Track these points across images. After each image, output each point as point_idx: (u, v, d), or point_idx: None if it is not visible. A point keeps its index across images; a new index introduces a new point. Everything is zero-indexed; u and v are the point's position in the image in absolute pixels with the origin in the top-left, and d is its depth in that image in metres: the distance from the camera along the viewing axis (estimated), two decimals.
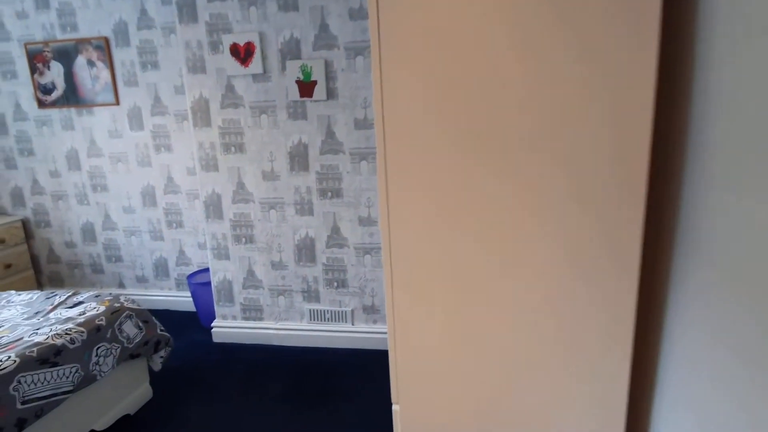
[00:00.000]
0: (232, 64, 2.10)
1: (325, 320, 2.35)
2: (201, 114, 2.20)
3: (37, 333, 1.53)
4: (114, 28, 2.53)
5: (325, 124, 2.10)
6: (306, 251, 2.28)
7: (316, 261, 2.28)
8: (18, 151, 2.84)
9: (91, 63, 2.60)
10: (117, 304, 1.81)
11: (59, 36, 2.60)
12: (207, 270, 2.71)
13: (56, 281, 3.05)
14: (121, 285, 2.97)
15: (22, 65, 2.68)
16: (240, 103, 2.15)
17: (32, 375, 1.40)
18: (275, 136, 2.16)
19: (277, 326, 2.40)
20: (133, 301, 1.90)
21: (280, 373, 2.14)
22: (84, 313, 1.70)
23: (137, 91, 2.60)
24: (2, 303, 1.83)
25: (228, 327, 2.45)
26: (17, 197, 2.93)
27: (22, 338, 1.49)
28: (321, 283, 2.31)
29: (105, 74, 2.60)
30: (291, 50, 2.04)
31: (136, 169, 2.73)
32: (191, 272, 2.77)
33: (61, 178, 2.84)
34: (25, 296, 1.88)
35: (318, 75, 2.04)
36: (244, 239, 2.32)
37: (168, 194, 2.74)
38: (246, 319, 2.44)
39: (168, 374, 2.12)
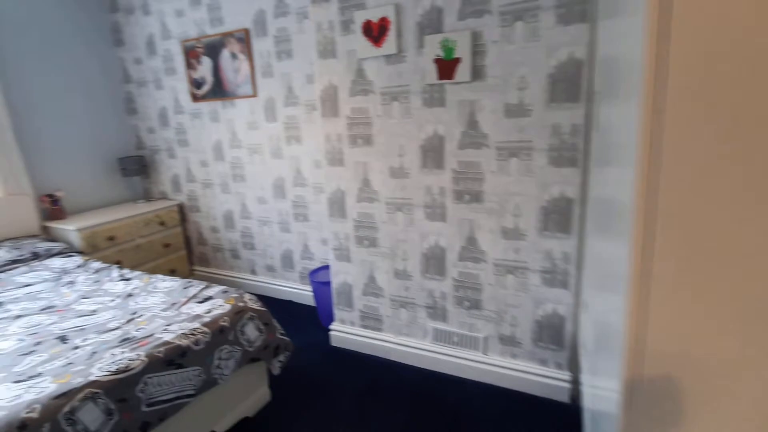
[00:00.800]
0: (363, 45, 1.84)
1: (451, 343, 2.01)
2: (329, 103, 2.01)
3: (167, 330, 1.52)
4: (254, 18, 2.51)
5: (467, 111, 1.71)
6: (434, 262, 1.95)
7: (446, 274, 1.93)
8: (177, 141, 3.12)
9: (233, 55, 2.66)
10: (241, 304, 1.75)
11: (209, 31, 2.71)
12: (329, 267, 2.60)
13: (203, 261, 3.34)
14: (253, 272, 3.09)
15: (180, 61, 2.89)
16: (370, 90, 1.90)
17: (158, 377, 1.37)
18: (406, 126, 1.85)
19: (397, 340, 2.14)
20: (256, 301, 1.83)
21: (401, 396, 1.88)
22: (210, 311, 1.66)
23: (272, 82, 2.57)
24: (150, 288, 1.93)
25: (346, 332, 2.29)
26: (176, 184, 3.25)
27: (153, 334, 1.49)
28: (449, 301, 1.96)
29: (245, 66, 2.63)
30: (431, 22, 1.69)
31: (270, 161, 2.74)
32: (314, 268, 2.71)
33: (209, 167, 3.03)
34: (168, 283, 1.96)
35: (462, 51, 1.64)
36: (366, 242, 2.10)
37: (296, 187, 2.69)
38: (364, 327, 2.25)
39: (286, 377, 2.04)
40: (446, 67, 1.69)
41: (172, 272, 3.13)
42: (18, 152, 2.53)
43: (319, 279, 2.54)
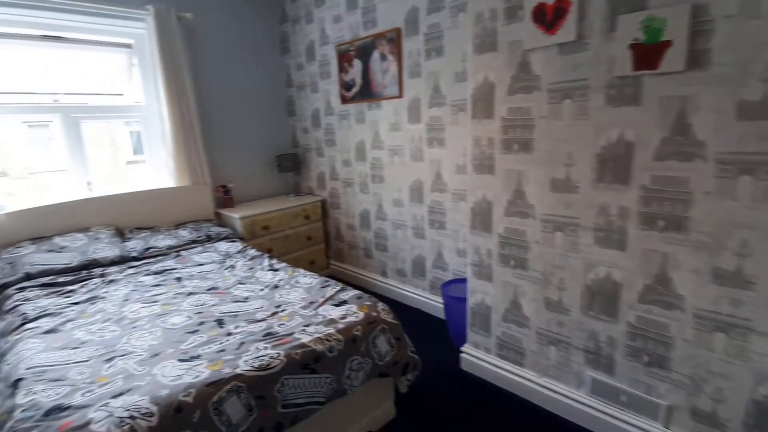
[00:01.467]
0: (532, 33, 1.57)
1: (617, 402, 1.60)
2: (482, 103, 1.80)
3: (305, 330, 1.52)
4: (406, 16, 2.44)
5: (674, 111, 1.30)
6: (602, 299, 1.57)
7: (618, 316, 1.54)
8: (325, 141, 3.29)
9: (383, 57, 2.64)
10: (374, 313, 1.67)
11: (362, 34, 2.75)
12: (464, 281, 2.40)
13: (339, 257, 3.47)
14: (384, 274, 3.07)
15: (334, 65, 3.01)
16: (535, 86, 1.62)
17: (294, 379, 1.36)
18: (580, 130, 1.52)
19: (541, 382, 1.82)
20: (389, 312, 1.74)
21: None
22: (345, 317, 1.62)
23: (419, 83, 2.47)
24: (293, 282, 2.01)
25: (479, 359, 2.06)
26: (321, 181, 3.44)
27: (293, 333, 1.50)
28: (620, 350, 1.56)
29: (393, 67, 2.59)
30: None
31: (409, 163, 2.66)
32: (447, 280, 2.53)
33: (351, 167, 3.12)
34: (308, 279, 2.02)
35: (675, 32, 1.24)
36: (513, 262, 1.83)
37: (434, 192, 2.55)
38: (502, 357, 1.98)
39: (412, 395, 1.91)
40: (647, 53, 1.31)
41: (311, 263, 3.33)
42: (203, 148, 2.97)
43: (452, 293, 2.35)
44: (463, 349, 2.14)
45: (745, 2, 1.13)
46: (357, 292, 1.84)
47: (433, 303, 2.70)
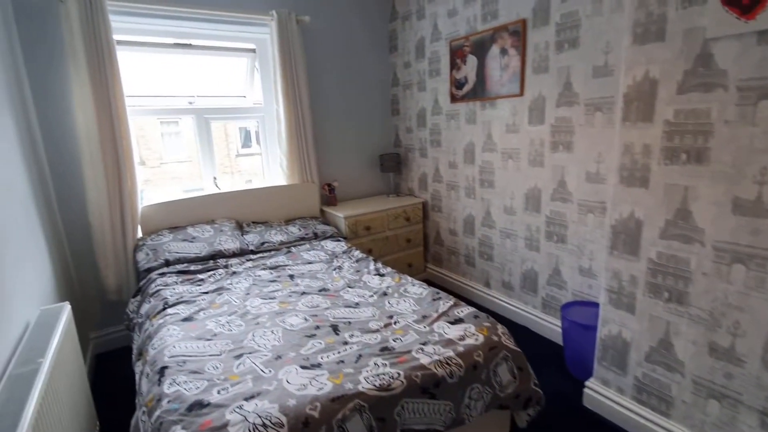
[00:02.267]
0: (720, 18, 1.27)
1: None
2: (639, 104, 1.52)
3: (422, 350, 1.43)
4: (535, 5, 2.21)
5: None
6: None
7: None
8: (430, 142, 3.18)
9: (503, 51, 2.43)
10: (495, 338, 1.52)
11: (479, 28, 2.57)
12: (589, 304, 2.12)
13: (437, 261, 3.36)
14: (487, 284, 2.88)
15: (445, 62, 2.88)
16: (718, 83, 1.31)
17: (414, 403, 1.28)
18: None
19: None
20: (510, 337, 1.58)
21: None
22: (463, 338, 1.50)
23: (545, 79, 2.22)
24: (401, 290, 1.94)
25: (608, 398, 1.79)
26: (423, 182, 3.34)
27: (410, 351, 1.42)
28: None
29: (515, 62, 2.37)
30: None
31: (526, 168, 2.43)
32: (568, 302, 2.26)
33: (457, 169, 2.97)
34: (417, 289, 1.93)
35: None
36: (667, 294, 1.53)
37: (555, 201, 2.29)
38: (640, 402, 1.69)
39: (529, 428, 1.72)
40: None
41: (409, 266, 3.26)
42: (313, 148, 3.05)
43: (574, 317, 2.09)
44: (587, 383, 1.88)
45: None
46: (472, 309, 1.70)
47: (546, 324, 2.45)
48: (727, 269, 1.36)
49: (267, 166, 3.20)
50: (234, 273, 2.21)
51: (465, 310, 1.69)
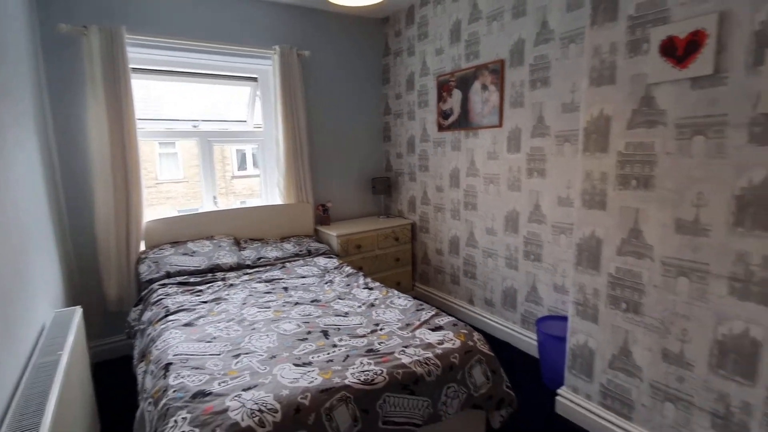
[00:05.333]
0: (659, 67, 1.51)
1: None
2: (596, 136, 1.74)
3: (404, 352, 1.57)
4: (511, 48, 2.48)
5: None
6: (737, 357, 1.39)
7: (757, 380, 1.35)
8: (418, 167, 3.40)
9: (484, 87, 2.69)
10: (470, 342, 1.68)
11: (463, 65, 2.83)
12: (561, 318, 2.28)
13: (424, 280, 3.51)
14: (471, 302, 3.03)
15: (433, 95, 3.13)
16: (659, 121, 1.53)
17: (395, 397, 1.42)
18: (715, 169, 1.40)
19: None
20: (485, 343, 1.73)
21: None
22: (442, 342, 1.65)
23: (521, 112, 2.47)
24: (388, 302, 2.09)
25: (578, 405, 1.93)
26: (412, 204, 3.54)
27: (393, 353, 1.57)
28: (757, 419, 1.36)
29: (494, 97, 2.62)
30: None
31: (505, 192, 2.64)
32: (542, 315, 2.42)
33: (443, 193, 3.17)
34: (402, 301, 2.08)
35: None
36: (625, 305, 1.71)
37: (531, 223, 2.49)
38: (605, 407, 1.83)
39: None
40: None
41: (397, 284, 3.41)
42: (309, 170, 3.25)
43: (549, 330, 2.25)
44: (559, 391, 2.02)
45: None
46: (452, 318, 1.86)
47: (524, 338, 2.60)
48: (674, 282, 1.55)
49: (265, 186, 3.38)
50: (231, 285, 2.35)
51: (445, 319, 1.85)
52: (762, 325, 1.33)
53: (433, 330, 1.76)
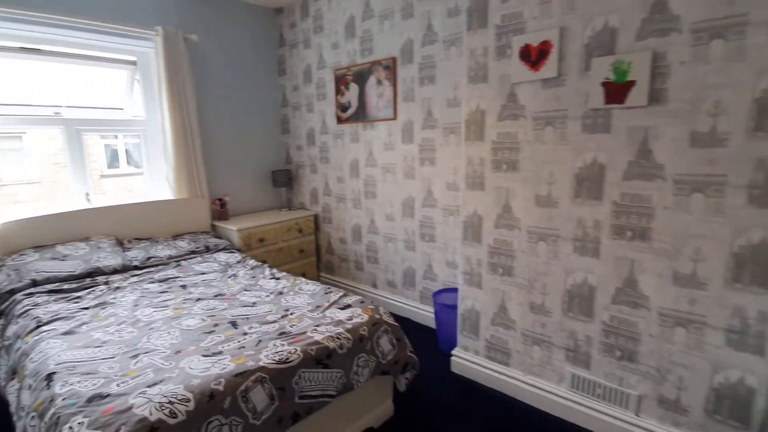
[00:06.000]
0: (519, 69, 1.82)
1: (593, 395, 1.79)
2: (475, 127, 2.02)
3: (316, 330, 1.64)
4: (402, 47, 2.68)
5: (639, 139, 1.55)
6: (580, 301, 1.78)
7: (594, 317, 1.75)
8: (320, 159, 3.46)
9: (379, 82, 2.86)
10: (377, 316, 1.82)
11: (359, 61, 2.97)
12: (453, 290, 2.58)
13: (329, 269, 3.59)
14: (374, 285, 3.21)
15: (331, 88, 3.21)
16: (521, 114, 1.85)
17: (309, 372, 1.48)
18: (560, 153, 1.75)
19: (526, 379, 2.00)
20: (390, 315, 1.89)
21: None
22: (351, 318, 1.76)
23: (412, 107, 2.70)
24: (296, 289, 2.13)
25: (469, 361, 2.22)
26: (314, 196, 3.58)
27: (305, 332, 1.63)
28: (596, 347, 1.76)
29: (389, 91, 2.81)
30: (602, 44, 1.59)
31: (402, 180, 2.85)
32: (437, 290, 2.70)
33: (344, 183, 3.28)
34: (311, 287, 2.14)
35: (638, 73, 1.50)
36: (501, 270, 2.03)
37: (425, 207, 2.74)
38: (489, 358, 2.15)
39: (408, 396, 2.04)
40: (616, 90, 1.56)
41: (303, 275, 3.41)
42: (202, 163, 3.07)
43: (442, 301, 2.52)
44: (453, 352, 2.29)
45: (696, 51, 1.40)
46: (359, 297, 1.98)
47: (423, 312, 2.86)
48: (536, 246, 1.89)
49: (151, 181, 3.09)
50: (118, 288, 2.13)
51: (353, 298, 1.96)
52: (594, 273, 1.72)
53: (342, 309, 1.86)
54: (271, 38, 3.57)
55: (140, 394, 1.19)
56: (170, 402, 1.16)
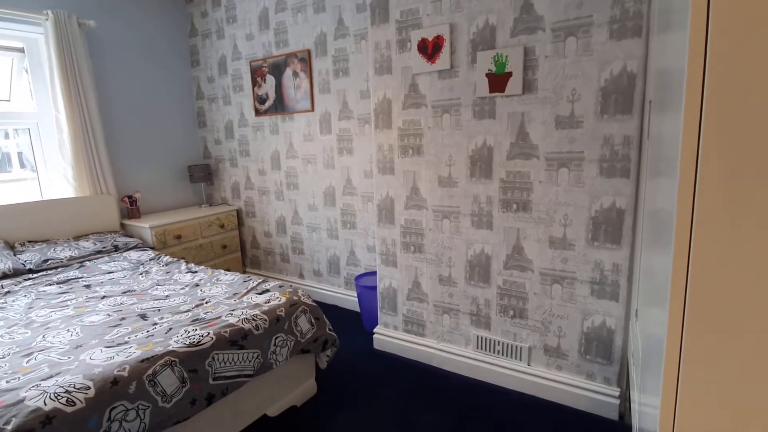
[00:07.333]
0: (418, 62, 1.98)
1: (494, 352, 2.02)
2: (383, 116, 2.15)
3: (231, 314, 1.66)
4: (315, 40, 2.74)
5: (518, 123, 1.77)
6: (479, 270, 1.99)
7: (491, 282, 1.97)
8: (239, 152, 3.40)
9: (295, 74, 2.90)
10: (295, 297, 1.87)
11: (274, 52, 2.98)
12: (374, 273, 2.70)
13: (255, 264, 3.55)
14: (301, 276, 3.25)
15: (247, 80, 3.18)
16: (422, 103, 2.02)
17: (224, 354, 1.50)
18: (457, 137, 1.94)
19: (439, 347, 2.18)
20: (309, 296, 1.95)
21: (443, 403, 1.91)
22: (269, 301, 1.80)
23: (329, 98, 2.77)
24: (214, 280, 2.11)
25: (389, 336, 2.36)
26: (236, 190, 3.51)
27: (220, 317, 1.64)
28: (493, 309, 1.99)
29: (305, 83, 2.86)
30: (484, 39, 1.79)
31: (322, 170, 2.92)
32: (359, 273, 2.81)
33: (266, 176, 3.27)
34: (230, 277, 2.14)
35: (514, 65, 1.73)
36: (413, 248, 2.19)
37: (346, 195, 2.84)
38: (407, 332, 2.31)
39: (332, 374, 2.13)
40: (498, 81, 1.77)
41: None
42: (106, 158, 2.88)
43: (364, 283, 2.64)
44: (375, 330, 2.42)
45: (556, 47, 1.64)
46: (278, 282, 2.02)
47: (349, 298, 2.96)
48: (441, 223, 2.07)
49: (47, 178, 2.83)
50: (9, 293, 1.96)
51: (272, 284, 2.00)
52: (489, 243, 1.93)
53: (260, 293, 1.89)
54: (181, 27, 3.43)
55: (33, 387, 1.14)
56: (67, 391, 1.13)
